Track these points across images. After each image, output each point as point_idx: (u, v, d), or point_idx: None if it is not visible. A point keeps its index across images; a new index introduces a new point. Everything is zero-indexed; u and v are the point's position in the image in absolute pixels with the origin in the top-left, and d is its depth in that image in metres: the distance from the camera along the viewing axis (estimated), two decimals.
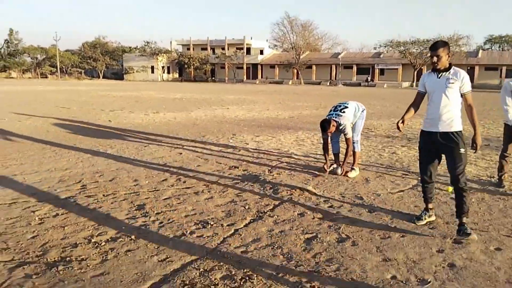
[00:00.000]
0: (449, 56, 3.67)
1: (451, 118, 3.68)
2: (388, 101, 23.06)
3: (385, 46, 59.23)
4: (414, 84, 54.37)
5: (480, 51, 59.52)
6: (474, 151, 3.76)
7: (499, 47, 75.96)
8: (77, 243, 3.42)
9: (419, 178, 4.17)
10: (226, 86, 47.14)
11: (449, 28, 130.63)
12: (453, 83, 3.66)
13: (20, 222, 3.86)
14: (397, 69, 58.12)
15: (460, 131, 3.71)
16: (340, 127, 5.64)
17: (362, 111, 5.97)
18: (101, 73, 74.14)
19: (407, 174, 5.94)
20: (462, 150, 3.66)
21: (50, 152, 7.12)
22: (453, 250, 3.41)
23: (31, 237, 3.54)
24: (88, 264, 3.06)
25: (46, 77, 72.67)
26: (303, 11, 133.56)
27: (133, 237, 3.57)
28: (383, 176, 5.81)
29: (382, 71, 59.88)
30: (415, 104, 3.97)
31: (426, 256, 3.29)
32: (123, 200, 4.57)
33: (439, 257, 3.27)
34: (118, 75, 76.65)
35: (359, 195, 4.89)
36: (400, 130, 3.90)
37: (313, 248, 3.40)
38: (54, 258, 3.14)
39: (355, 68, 61.27)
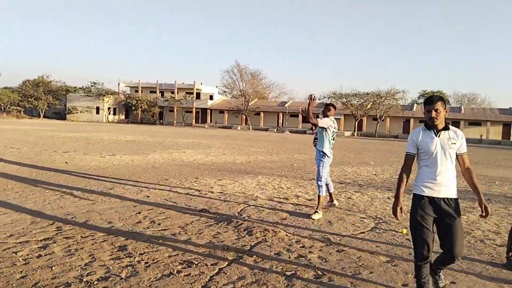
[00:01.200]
0: (446, 112, 3.34)
1: (453, 183, 3.32)
2: (335, 149, 24.27)
3: (328, 97, 62.58)
4: (355, 133, 57.51)
5: (415, 105, 64.67)
6: (485, 216, 3.30)
7: None
8: (69, 282, 3.50)
9: (414, 255, 3.41)
10: (176, 130, 47.17)
11: (387, 82, 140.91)
12: (454, 143, 3.30)
13: (4, 263, 3.85)
14: (339, 119, 61.36)
15: (458, 198, 3.36)
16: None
17: (327, 157, 6.52)
18: (42, 112, 71.37)
19: (364, 218, 6.48)
20: (460, 219, 3.31)
21: (13, 193, 6.97)
22: (415, 284, 3.86)
23: (20, 277, 3.56)
24: None
25: None
26: (252, 60, 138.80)
27: (122, 276, 3.71)
28: (343, 219, 6.30)
29: None
30: (407, 171, 3.44)
31: None
32: (103, 241, 4.66)
33: None
34: (60, 115, 74.18)
35: (326, 236, 5.31)
36: (398, 219, 3.42)
37: (295, 284, 3.72)
38: None
39: (300, 116, 63.84)
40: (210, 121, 68.49)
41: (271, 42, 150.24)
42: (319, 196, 6.45)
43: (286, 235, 5.26)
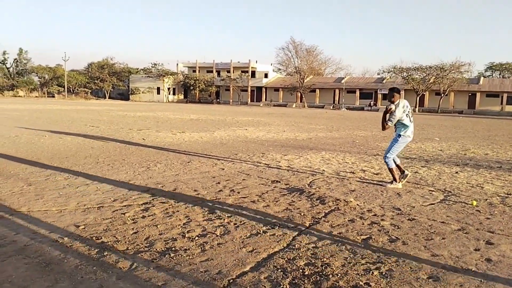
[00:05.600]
0: None
1: None
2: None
3: (388, 72, 60.62)
4: (417, 109, 55.46)
5: (482, 78, 61.00)
6: None
7: (500, 74, 77.65)
8: (174, 237, 4.10)
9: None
10: (233, 108, 48.21)
11: (451, 55, 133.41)
12: None
13: (116, 221, 4.54)
14: None
15: None
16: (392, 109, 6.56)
17: (405, 135, 6.67)
18: (107, 93, 75.43)
19: (433, 190, 6.63)
20: None
21: (105, 165, 7.83)
22: (487, 249, 4.08)
23: (133, 233, 4.21)
24: (193, 253, 3.73)
25: (53, 96, 73.94)
26: (307, 35, 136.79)
27: (217, 233, 4.25)
28: (412, 192, 6.50)
29: (384, 96, 61.06)
30: None
31: (466, 253, 3.96)
32: (194, 206, 5.25)
33: (477, 254, 3.94)
34: (124, 96, 78.02)
35: (396, 207, 5.57)
36: None
37: (371, 245, 4.08)
38: (162, 248, 3.81)
39: (358, 92, 62.56)
40: (265, 99, 68.99)
41: (328, 16, 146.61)
42: (390, 169, 6.68)
43: (358, 204, 5.59)
